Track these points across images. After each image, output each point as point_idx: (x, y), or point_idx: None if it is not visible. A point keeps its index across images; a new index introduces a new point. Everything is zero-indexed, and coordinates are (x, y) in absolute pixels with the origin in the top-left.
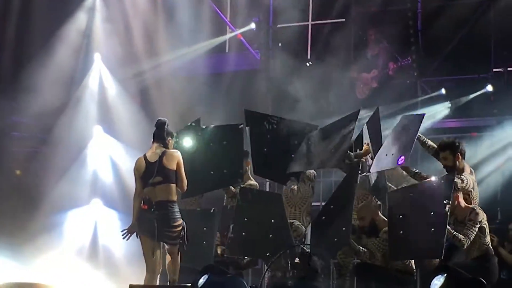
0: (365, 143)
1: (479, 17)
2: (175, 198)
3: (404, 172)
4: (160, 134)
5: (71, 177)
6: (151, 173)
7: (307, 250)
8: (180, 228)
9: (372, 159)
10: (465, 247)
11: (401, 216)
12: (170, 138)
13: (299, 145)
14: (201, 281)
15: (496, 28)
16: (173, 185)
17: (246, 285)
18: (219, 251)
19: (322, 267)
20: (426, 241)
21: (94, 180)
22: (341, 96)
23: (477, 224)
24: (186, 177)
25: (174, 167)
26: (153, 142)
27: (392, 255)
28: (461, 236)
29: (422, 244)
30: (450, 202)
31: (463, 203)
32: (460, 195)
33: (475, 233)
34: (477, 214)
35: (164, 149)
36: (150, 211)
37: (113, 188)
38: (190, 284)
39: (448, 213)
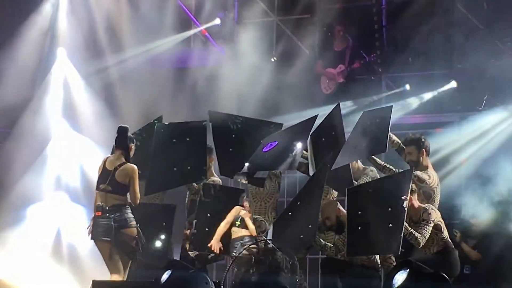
0: None
1: (443, 13)
2: (127, 203)
3: (361, 166)
4: (123, 141)
5: (35, 172)
6: (104, 180)
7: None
8: (136, 232)
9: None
10: (420, 246)
11: (359, 212)
12: (131, 144)
13: None
14: (164, 276)
15: (460, 24)
16: (123, 196)
17: (210, 280)
18: (188, 247)
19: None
20: (384, 237)
21: (58, 175)
22: (307, 92)
23: (430, 223)
24: (150, 174)
25: (126, 182)
26: (115, 148)
27: (349, 251)
28: (417, 234)
29: (379, 240)
30: (408, 198)
31: (416, 203)
32: (414, 196)
33: (430, 231)
34: (429, 214)
35: (124, 160)
36: (106, 215)
37: (77, 182)
38: (153, 280)
39: (406, 209)
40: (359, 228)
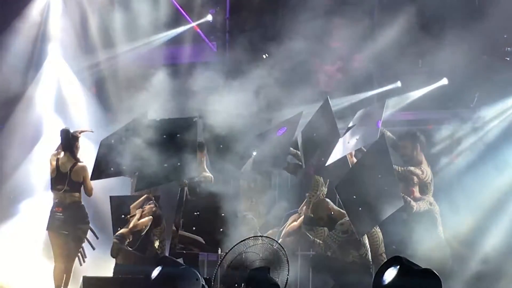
0: None
1: (435, 10)
2: (81, 199)
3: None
4: (67, 144)
5: (26, 168)
6: (60, 182)
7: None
8: (89, 226)
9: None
10: (414, 210)
11: (354, 197)
12: (76, 142)
13: None
14: (155, 272)
15: (450, 20)
16: (79, 193)
17: (200, 276)
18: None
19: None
20: (385, 198)
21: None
22: (301, 89)
23: (426, 201)
24: (140, 169)
25: (80, 180)
26: (62, 150)
27: (359, 233)
28: (409, 199)
29: (382, 204)
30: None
31: (418, 195)
32: (416, 189)
33: (424, 207)
34: (427, 195)
35: (74, 160)
36: (65, 211)
37: None
38: (143, 276)
39: (393, 166)
40: (360, 209)
